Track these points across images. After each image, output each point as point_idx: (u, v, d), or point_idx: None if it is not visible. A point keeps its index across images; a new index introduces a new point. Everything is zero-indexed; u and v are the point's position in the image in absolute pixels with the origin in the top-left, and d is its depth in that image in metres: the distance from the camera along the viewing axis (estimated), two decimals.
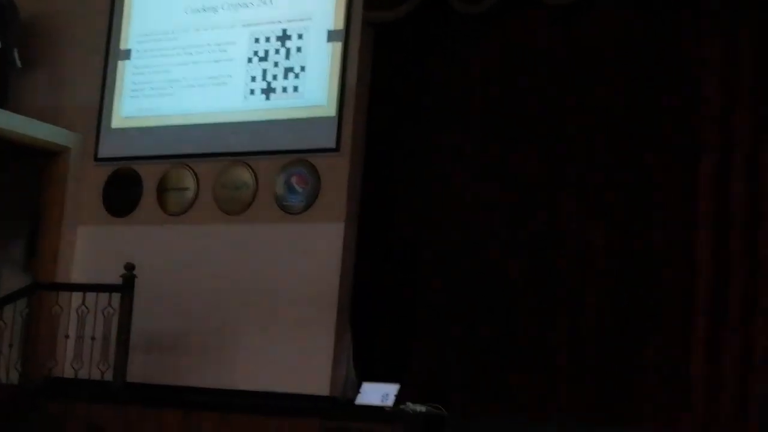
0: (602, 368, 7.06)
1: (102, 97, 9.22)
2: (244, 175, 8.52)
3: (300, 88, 8.46)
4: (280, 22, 8.59)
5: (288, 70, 8.51)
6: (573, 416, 7.03)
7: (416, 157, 8.02)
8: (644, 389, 6.88)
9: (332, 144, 8.24)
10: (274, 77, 8.55)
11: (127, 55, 9.22)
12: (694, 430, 6.64)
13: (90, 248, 9.06)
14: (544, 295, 7.34)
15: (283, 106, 8.49)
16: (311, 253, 8.14)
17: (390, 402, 7.33)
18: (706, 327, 6.75)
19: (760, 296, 6.64)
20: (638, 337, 6.97)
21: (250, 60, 8.68)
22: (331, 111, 8.27)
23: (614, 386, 6.99)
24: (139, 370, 8.30)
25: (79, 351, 8.17)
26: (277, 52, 8.58)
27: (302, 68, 8.46)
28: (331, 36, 8.37)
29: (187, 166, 8.77)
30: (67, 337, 8.37)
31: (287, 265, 8.20)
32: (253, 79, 8.63)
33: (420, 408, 7.10)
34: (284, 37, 8.56)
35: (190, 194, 8.73)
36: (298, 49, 8.50)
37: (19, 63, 9.26)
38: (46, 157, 9.22)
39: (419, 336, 7.76)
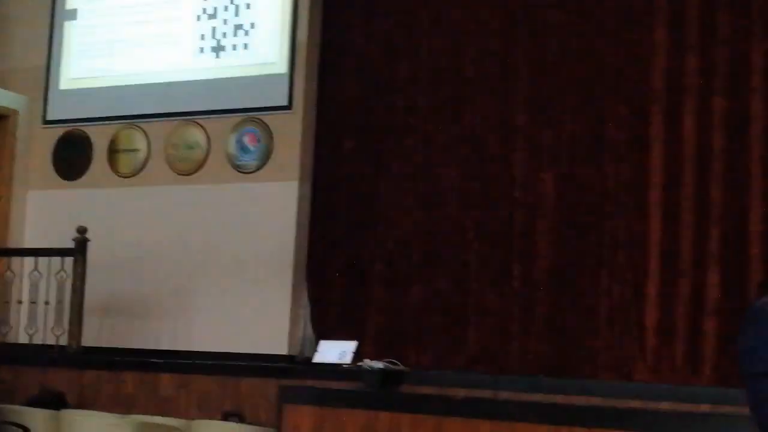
0: (556, 318, 7.09)
1: (49, 59, 9.07)
2: (196, 134, 8.44)
3: (250, 46, 8.36)
4: None
5: (237, 27, 8.41)
6: (528, 367, 7.06)
7: (369, 112, 7.98)
8: (598, 338, 6.92)
9: (284, 102, 8.16)
10: (224, 35, 8.45)
11: (73, 15, 9.06)
12: (649, 377, 6.70)
13: (41, 212, 8.95)
14: (497, 246, 7.35)
15: (233, 64, 8.39)
16: (265, 213, 8.09)
17: (348, 359, 7.30)
18: (659, 274, 6.79)
19: (711, 241, 6.68)
20: (592, 286, 7.00)
21: (198, 18, 8.56)
22: (283, 68, 8.19)
23: (569, 336, 7.03)
24: (94, 334, 8.24)
25: (33, 316, 8.09)
26: (226, 9, 8.47)
27: (252, 25, 8.36)
28: None
29: (138, 126, 8.67)
30: (20, 302, 8.28)
31: (241, 224, 8.14)
32: (203, 37, 8.53)
33: (378, 364, 7.08)
34: None
35: (141, 155, 8.64)
36: (248, 6, 8.39)
37: None
38: None
39: (376, 292, 7.75)
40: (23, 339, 8.23)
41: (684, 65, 6.88)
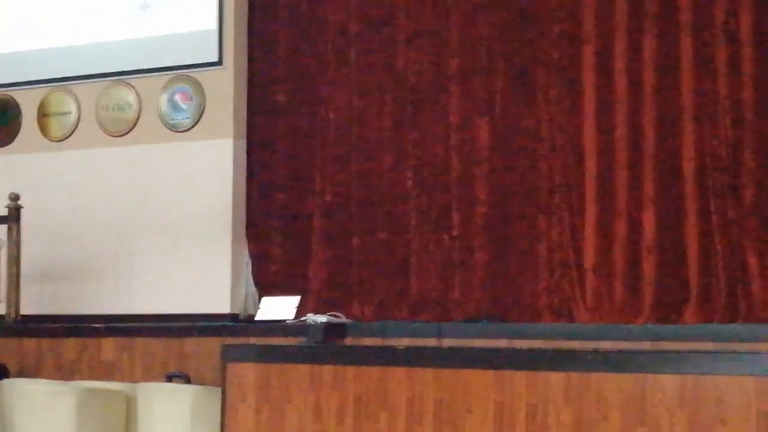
0: (496, 263, 7.11)
1: None
2: (127, 95, 8.31)
3: (177, 2, 8.22)
4: None
5: None
6: (471, 314, 7.09)
7: (301, 64, 7.91)
8: (539, 281, 6.95)
9: (215, 58, 8.06)
10: None
11: None
12: (589, 318, 6.75)
13: None
14: (435, 194, 7.34)
15: (161, 21, 8.24)
16: (201, 171, 8.01)
17: (291, 315, 7.33)
18: (595, 215, 6.81)
19: (645, 180, 6.70)
20: (530, 229, 7.02)
21: None
22: (212, 24, 8.07)
23: (509, 281, 7.05)
24: (33, 302, 8.13)
25: None
26: None
27: None
28: None
29: (67, 89, 8.51)
30: None
31: (178, 184, 8.06)
32: None
33: (321, 318, 7.10)
34: None
35: (72, 118, 8.50)
36: None
37: None
38: None
39: (317, 246, 7.72)
40: None
41: (614, 5, 6.87)
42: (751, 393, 5.34)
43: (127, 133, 8.29)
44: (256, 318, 7.47)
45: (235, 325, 7.59)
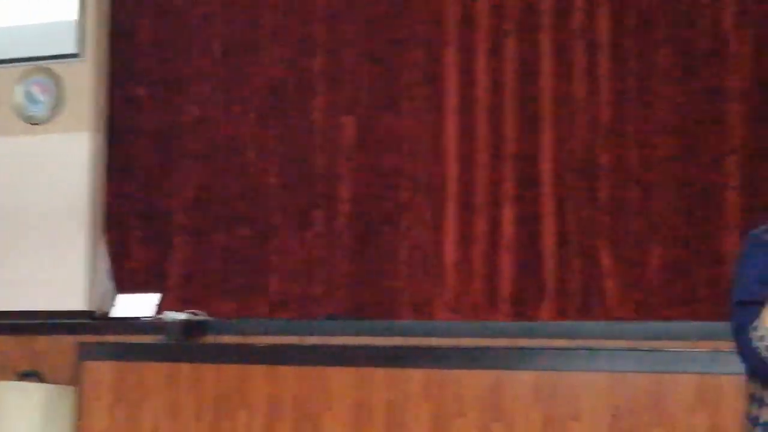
0: (358, 262, 7.11)
1: None
2: None
3: None
4: None
5: None
6: (332, 311, 7.08)
7: (163, 59, 7.79)
8: (400, 279, 6.97)
9: (74, 49, 7.87)
10: None
11: None
12: (449, 315, 6.80)
13: None
14: (298, 192, 7.30)
15: (17, 10, 8.01)
16: (59, 165, 7.80)
17: (149, 312, 7.21)
18: (456, 213, 6.87)
19: (504, 179, 6.78)
20: (392, 228, 7.04)
21: None
22: (72, 15, 7.88)
23: (372, 278, 7.06)
24: None
25: None
26: None
27: None
28: None
29: None
30: None
31: (33, 178, 7.83)
32: None
33: (180, 316, 7.01)
34: None
35: None
36: None
37: None
38: None
39: (177, 243, 7.61)
40: None
41: (476, 7, 6.95)
42: (603, 389, 5.49)
43: None
44: (113, 315, 7.33)
45: (91, 322, 7.42)
